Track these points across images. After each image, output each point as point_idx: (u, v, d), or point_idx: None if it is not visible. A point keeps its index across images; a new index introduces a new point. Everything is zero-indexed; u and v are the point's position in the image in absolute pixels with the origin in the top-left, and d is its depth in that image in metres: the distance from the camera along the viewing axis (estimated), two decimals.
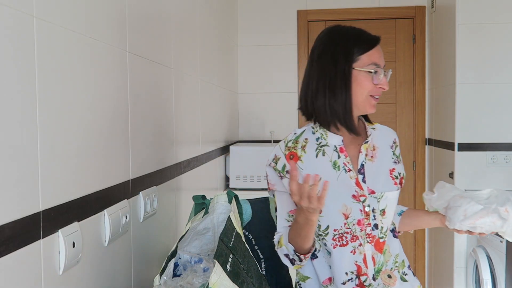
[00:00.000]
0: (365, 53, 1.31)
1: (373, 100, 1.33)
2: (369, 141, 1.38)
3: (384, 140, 1.43)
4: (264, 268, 1.48)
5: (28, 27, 0.89)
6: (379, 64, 1.31)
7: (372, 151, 1.38)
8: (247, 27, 3.62)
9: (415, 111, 3.58)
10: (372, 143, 1.39)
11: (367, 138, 1.38)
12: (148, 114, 1.54)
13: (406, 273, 1.39)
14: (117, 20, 1.30)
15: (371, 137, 1.39)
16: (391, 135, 1.47)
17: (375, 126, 1.45)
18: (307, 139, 1.38)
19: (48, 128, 0.95)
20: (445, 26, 3.20)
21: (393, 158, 1.42)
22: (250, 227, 1.52)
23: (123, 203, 1.31)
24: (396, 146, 1.46)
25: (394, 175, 1.38)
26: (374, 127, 1.44)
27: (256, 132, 3.65)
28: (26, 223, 0.87)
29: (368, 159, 1.37)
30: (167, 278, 1.17)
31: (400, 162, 1.44)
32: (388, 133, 1.47)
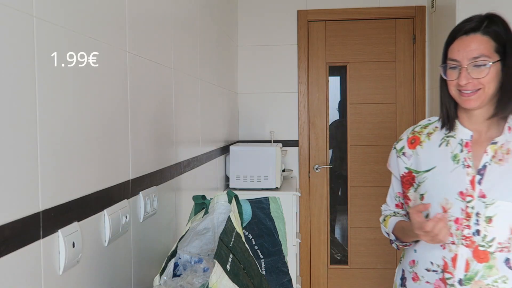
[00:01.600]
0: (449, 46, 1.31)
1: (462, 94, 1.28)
2: (498, 142, 1.30)
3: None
4: (264, 268, 1.48)
5: (28, 27, 0.89)
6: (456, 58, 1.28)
7: (504, 154, 1.29)
8: (247, 27, 3.62)
9: (415, 111, 3.58)
10: (507, 147, 1.30)
11: (495, 138, 1.31)
12: (148, 114, 1.54)
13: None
14: (117, 20, 1.30)
15: (503, 138, 1.30)
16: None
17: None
18: (438, 127, 1.40)
19: (48, 128, 0.95)
20: (445, 26, 3.20)
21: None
22: (250, 227, 1.52)
23: (123, 203, 1.31)
24: None
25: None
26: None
27: (256, 132, 3.65)
28: (26, 223, 0.87)
29: (494, 161, 1.29)
30: (167, 278, 1.18)
31: None
32: None
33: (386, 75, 3.58)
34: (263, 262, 1.48)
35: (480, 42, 1.27)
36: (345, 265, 3.72)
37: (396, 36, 3.58)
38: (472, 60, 1.26)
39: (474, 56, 1.26)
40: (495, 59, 1.26)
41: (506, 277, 1.29)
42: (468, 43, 1.27)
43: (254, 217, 1.49)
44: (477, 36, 1.28)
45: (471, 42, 1.27)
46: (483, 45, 1.26)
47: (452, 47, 1.30)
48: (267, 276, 1.47)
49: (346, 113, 3.65)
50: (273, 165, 2.90)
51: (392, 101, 3.59)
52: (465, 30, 1.29)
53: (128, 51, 1.37)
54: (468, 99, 1.27)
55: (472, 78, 1.25)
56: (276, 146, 3.00)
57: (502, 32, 1.29)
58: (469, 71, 1.26)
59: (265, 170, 2.90)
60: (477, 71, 1.26)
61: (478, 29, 1.29)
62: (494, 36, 1.28)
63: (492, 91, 1.27)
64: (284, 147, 3.44)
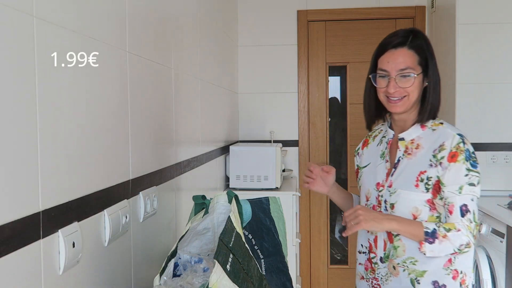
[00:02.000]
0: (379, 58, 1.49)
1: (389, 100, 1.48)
2: (404, 138, 1.51)
3: (433, 141, 1.46)
4: (264, 268, 1.48)
5: (28, 27, 0.89)
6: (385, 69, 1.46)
7: (414, 149, 1.48)
8: (247, 27, 3.62)
9: None
10: (417, 142, 1.49)
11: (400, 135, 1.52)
12: (148, 114, 1.54)
13: (419, 282, 1.46)
14: (117, 20, 1.30)
15: (408, 134, 1.50)
16: (443, 138, 1.45)
17: (436, 128, 1.49)
18: (382, 130, 1.65)
19: (48, 128, 0.95)
20: (445, 26, 3.20)
21: (431, 161, 1.44)
22: (250, 227, 1.52)
23: (123, 203, 1.31)
24: (443, 149, 1.42)
25: (421, 178, 1.44)
26: (435, 128, 1.49)
27: (256, 132, 3.65)
28: (26, 223, 0.87)
29: (405, 155, 1.49)
30: (167, 278, 1.17)
31: (438, 166, 1.42)
32: (442, 136, 1.46)
33: None
34: (263, 262, 1.48)
35: (406, 55, 1.45)
36: (345, 265, 3.72)
37: None
38: (400, 71, 1.44)
39: (401, 68, 1.44)
40: (419, 71, 1.45)
41: (414, 258, 1.45)
42: (396, 56, 1.44)
43: (254, 217, 1.49)
44: (404, 50, 1.45)
45: (399, 55, 1.45)
46: (409, 58, 1.44)
47: (382, 59, 1.47)
48: (267, 276, 1.47)
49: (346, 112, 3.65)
50: (273, 165, 2.90)
51: None
52: (394, 44, 1.46)
53: (128, 51, 1.37)
54: (395, 105, 1.47)
55: (399, 87, 1.44)
56: (276, 146, 3.00)
57: (424, 46, 1.47)
58: (396, 81, 1.44)
59: (265, 170, 2.90)
60: (403, 81, 1.44)
61: (404, 43, 1.45)
62: (417, 50, 1.46)
63: (416, 98, 1.47)
64: (284, 147, 3.44)
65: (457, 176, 1.40)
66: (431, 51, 1.48)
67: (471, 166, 1.41)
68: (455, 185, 1.40)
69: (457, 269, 1.47)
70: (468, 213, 1.40)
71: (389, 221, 1.43)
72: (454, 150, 1.41)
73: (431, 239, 1.39)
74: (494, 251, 2.57)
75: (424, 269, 1.46)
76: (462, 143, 1.42)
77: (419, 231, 1.40)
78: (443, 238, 1.39)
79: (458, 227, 1.39)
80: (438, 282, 1.46)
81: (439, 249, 1.40)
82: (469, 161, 1.41)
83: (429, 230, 1.40)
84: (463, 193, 1.40)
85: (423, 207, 1.44)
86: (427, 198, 1.44)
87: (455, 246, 1.39)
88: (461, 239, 1.38)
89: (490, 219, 2.63)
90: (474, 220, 1.40)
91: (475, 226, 1.40)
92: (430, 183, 1.43)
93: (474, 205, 1.42)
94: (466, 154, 1.41)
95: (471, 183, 1.40)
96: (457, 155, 1.41)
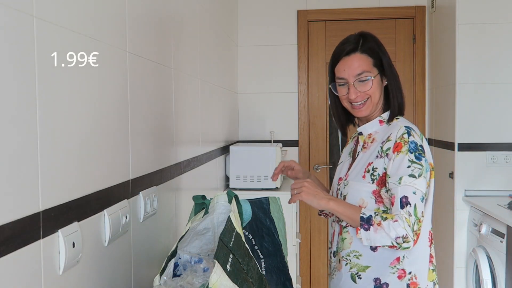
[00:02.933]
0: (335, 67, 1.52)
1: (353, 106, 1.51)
2: (362, 132, 1.55)
3: (384, 135, 1.49)
4: (264, 268, 1.48)
5: (28, 27, 0.89)
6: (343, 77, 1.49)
7: (370, 143, 1.52)
8: (247, 27, 3.62)
9: (415, 111, 3.58)
10: (373, 136, 1.52)
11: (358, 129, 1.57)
12: (148, 114, 1.54)
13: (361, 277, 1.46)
14: (117, 20, 1.30)
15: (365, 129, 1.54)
16: (391, 130, 1.47)
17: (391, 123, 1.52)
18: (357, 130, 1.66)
19: (48, 128, 0.95)
20: (445, 26, 3.20)
21: (378, 152, 1.46)
22: (250, 227, 1.52)
23: (123, 203, 1.31)
24: (389, 141, 1.44)
25: (368, 169, 1.47)
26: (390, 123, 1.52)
27: (256, 132, 3.65)
28: (26, 223, 0.87)
29: (362, 149, 1.53)
30: (167, 278, 1.17)
31: (384, 158, 1.43)
32: (391, 129, 1.48)
33: None
34: (263, 262, 1.48)
35: (360, 60, 1.48)
36: None
37: (396, 36, 3.58)
38: (357, 76, 1.47)
39: (358, 73, 1.47)
40: (375, 72, 1.48)
41: (359, 252, 1.46)
42: (351, 63, 1.47)
43: (254, 217, 1.49)
44: (357, 55, 1.48)
45: (353, 61, 1.47)
46: (363, 62, 1.47)
47: (338, 68, 1.50)
48: (267, 276, 1.47)
49: None
50: (273, 165, 2.90)
51: None
52: (346, 51, 1.49)
53: (128, 51, 1.37)
54: (359, 110, 1.50)
55: (359, 91, 1.47)
56: (276, 146, 3.00)
57: (375, 47, 1.50)
58: (356, 86, 1.47)
59: (265, 170, 2.90)
60: (362, 85, 1.47)
61: (356, 49, 1.49)
62: (370, 53, 1.49)
63: (378, 98, 1.50)
64: (284, 147, 3.44)
65: (399, 167, 1.39)
66: (383, 51, 1.51)
67: (415, 158, 1.38)
68: (396, 176, 1.38)
69: (405, 269, 1.44)
70: (408, 205, 1.36)
71: (328, 200, 1.42)
72: (398, 141, 1.41)
73: (366, 225, 1.37)
74: (494, 251, 2.57)
75: (367, 264, 1.45)
76: (407, 134, 1.41)
77: (356, 216, 1.39)
78: (378, 226, 1.35)
79: (395, 218, 1.35)
80: (380, 279, 1.43)
81: (375, 238, 1.36)
82: (414, 153, 1.39)
83: (365, 216, 1.37)
84: (402, 183, 1.36)
85: (369, 199, 1.44)
86: (373, 189, 1.43)
87: (392, 238, 1.34)
88: (396, 230, 1.33)
89: (490, 219, 2.63)
90: (415, 214, 1.35)
91: (415, 221, 1.35)
92: (375, 173, 1.43)
93: (417, 199, 1.36)
94: (411, 146, 1.39)
95: (411, 175, 1.37)
96: (400, 146, 1.40)
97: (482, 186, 3.01)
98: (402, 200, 1.36)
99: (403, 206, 1.36)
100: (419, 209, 1.36)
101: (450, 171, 3.10)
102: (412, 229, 1.34)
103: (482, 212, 2.76)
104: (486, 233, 2.65)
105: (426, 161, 1.41)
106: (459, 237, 3.02)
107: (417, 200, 1.36)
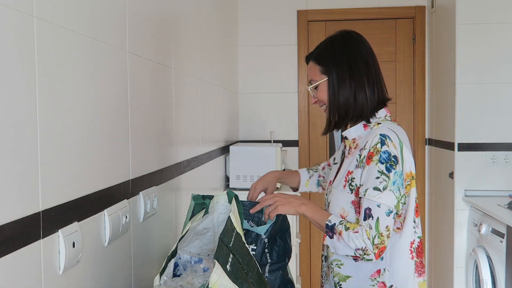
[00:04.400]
0: None
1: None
2: (347, 137, 1.52)
3: (364, 141, 1.43)
4: (268, 270, 1.48)
5: (28, 27, 0.89)
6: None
7: (353, 149, 1.48)
8: (247, 27, 3.62)
9: (415, 111, 3.58)
10: (357, 142, 1.48)
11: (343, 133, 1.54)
12: (148, 114, 1.54)
13: (342, 287, 1.46)
14: (117, 20, 1.30)
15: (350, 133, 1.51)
16: (368, 137, 1.41)
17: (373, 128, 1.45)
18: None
19: (48, 128, 0.95)
20: (445, 26, 3.20)
21: (357, 161, 1.41)
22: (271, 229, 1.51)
23: (123, 203, 1.31)
24: (364, 149, 1.39)
25: (348, 178, 1.43)
26: (373, 128, 1.45)
27: (256, 132, 3.65)
28: (26, 223, 0.87)
29: (346, 155, 1.52)
30: (167, 278, 1.17)
31: (362, 168, 1.37)
32: (369, 136, 1.42)
33: (386, 75, 3.55)
34: (268, 265, 1.48)
35: (310, 68, 1.53)
36: None
37: (396, 36, 3.58)
38: (309, 84, 1.55)
39: (309, 81, 1.55)
40: (320, 79, 1.50)
41: (341, 261, 1.45)
42: (307, 71, 1.56)
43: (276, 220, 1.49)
44: (310, 64, 1.53)
45: (308, 70, 1.56)
46: (311, 71, 1.53)
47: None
48: (270, 278, 1.47)
49: None
50: (273, 165, 2.90)
51: (392, 101, 3.57)
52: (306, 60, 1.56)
53: (128, 51, 1.37)
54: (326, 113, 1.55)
55: (314, 97, 1.55)
56: (276, 146, 3.00)
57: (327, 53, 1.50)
58: (312, 93, 1.55)
59: (265, 170, 2.87)
60: (315, 92, 1.53)
61: (310, 57, 1.54)
62: (320, 61, 1.50)
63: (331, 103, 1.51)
64: (284, 147, 3.44)
65: (368, 178, 1.34)
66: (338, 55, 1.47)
67: (385, 170, 1.33)
68: (364, 186, 1.35)
69: (385, 283, 1.40)
70: (371, 218, 1.31)
71: (300, 205, 1.43)
72: (371, 151, 1.36)
73: (330, 233, 1.36)
74: (494, 251, 2.57)
75: (348, 274, 1.43)
76: (380, 144, 1.35)
77: (323, 222, 1.38)
78: (339, 236, 1.33)
79: (357, 229, 1.32)
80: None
81: (338, 246, 1.34)
82: (385, 164, 1.33)
83: (329, 223, 1.36)
84: (367, 195, 1.33)
85: (349, 209, 1.40)
86: (352, 200, 1.40)
87: (352, 248, 1.32)
88: (355, 242, 1.31)
89: (490, 219, 2.63)
90: (377, 228, 1.30)
91: (376, 235, 1.30)
92: (353, 183, 1.40)
93: (381, 212, 1.31)
94: (383, 156, 1.33)
95: (376, 188, 1.32)
96: (372, 156, 1.35)
97: (482, 186, 3.01)
98: (366, 212, 1.33)
99: (365, 218, 1.33)
100: (381, 223, 1.31)
101: (450, 171, 3.10)
102: (372, 242, 1.30)
103: (482, 212, 2.76)
104: (486, 233, 2.65)
105: (397, 173, 1.33)
106: (459, 237, 3.02)
107: (381, 214, 1.31)
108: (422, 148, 3.60)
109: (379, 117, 1.47)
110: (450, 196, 3.08)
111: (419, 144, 3.60)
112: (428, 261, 3.64)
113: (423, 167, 3.60)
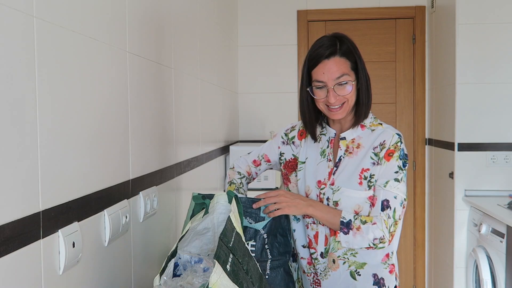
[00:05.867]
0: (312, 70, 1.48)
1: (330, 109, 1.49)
2: (345, 138, 1.53)
3: (373, 140, 1.51)
4: (269, 267, 1.48)
5: (28, 27, 0.89)
6: (321, 80, 1.46)
7: (355, 148, 1.51)
8: (247, 27, 3.62)
9: (415, 111, 3.58)
10: (357, 141, 1.52)
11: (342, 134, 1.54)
12: (148, 114, 1.54)
13: (360, 274, 1.51)
14: (117, 20, 1.30)
15: (350, 134, 1.53)
16: (383, 136, 1.50)
17: (375, 128, 1.53)
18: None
19: (48, 128, 0.95)
20: (445, 26, 3.20)
21: (372, 159, 1.48)
22: (269, 226, 1.52)
23: (123, 203, 1.31)
24: (384, 148, 1.47)
25: (364, 175, 1.48)
26: (374, 128, 1.53)
27: (256, 132, 3.65)
28: (26, 223, 0.88)
29: (346, 154, 1.52)
30: (167, 278, 1.17)
31: (382, 165, 1.46)
32: (382, 135, 1.50)
33: (386, 75, 3.58)
34: (269, 261, 1.48)
35: (339, 63, 1.46)
36: None
37: (396, 36, 3.58)
38: (336, 80, 1.45)
39: (337, 76, 1.45)
40: (353, 76, 1.48)
41: (355, 250, 1.49)
42: (330, 66, 1.45)
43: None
44: (336, 59, 1.46)
45: (333, 65, 1.45)
46: (343, 66, 1.46)
47: (317, 71, 1.47)
48: (271, 275, 1.47)
49: None
50: None
51: (392, 101, 3.59)
52: (326, 55, 1.46)
53: (128, 51, 1.37)
54: (336, 113, 1.48)
55: (338, 95, 1.46)
56: None
57: (352, 49, 1.48)
58: (335, 90, 1.45)
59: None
60: (340, 89, 1.46)
61: (335, 52, 1.46)
62: (348, 56, 1.47)
63: (353, 102, 1.50)
64: None
65: (388, 172, 1.45)
66: (358, 53, 1.50)
67: (402, 165, 1.47)
68: (383, 179, 1.45)
69: (394, 264, 1.55)
70: (389, 208, 1.43)
71: (307, 207, 1.46)
72: (392, 148, 1.47)
73: (345, 229, 1.43)
74: (494, 251, 2.57)
75: (364, 261, 1.50)
76: (400, 142, 1.48)
77: (336, 220, 1.44)
78: (357, 231, 1.42)
79: (374, 221, 1.42)
80: (377, 275, 1.51)
81: (353, 241, 1.44)
82: (402, 160, 1.47)
83: (345, 220, 1.43)
84: (387, 187, 1.44)
85: (364, 204, 1.47)
86: (369, 195, 1.47)
87: (370, 240, 1.42)
88: (374, 232, 1.42)
89: (490, 219, 2.63)
90: (394, 217, 1.43)
91: (393, 223, 1.43)
92: (372, 180, 1.47)
93: (397, 203, 1.44)
94: (401, 153, 1.47)
95: (396, 179, 1.45)
96: (393, 153, 1.46)
97: (482, 186, 3.01)
98: (384, 203, 1.44)
99: (383, 208, 1.44)
100: (397, 213, 1.44)
101: (450, 171, 3.10)
102: (388, 230, 1.43)
103: (482, 212, 2.76)
104: (486, 233, 2.65)
105: (406, 169, 1.50)
106: (459, 237, 3.02)
107: (397, 204, 1.44)
108: (422, 148, 3.60)
109: (370, 117, 1.56)
110: (450, 196, 3.08)
111: (419, 144, 3.60)
112: (428, 261, 3.64)
113: (423, 167, 3.60)
